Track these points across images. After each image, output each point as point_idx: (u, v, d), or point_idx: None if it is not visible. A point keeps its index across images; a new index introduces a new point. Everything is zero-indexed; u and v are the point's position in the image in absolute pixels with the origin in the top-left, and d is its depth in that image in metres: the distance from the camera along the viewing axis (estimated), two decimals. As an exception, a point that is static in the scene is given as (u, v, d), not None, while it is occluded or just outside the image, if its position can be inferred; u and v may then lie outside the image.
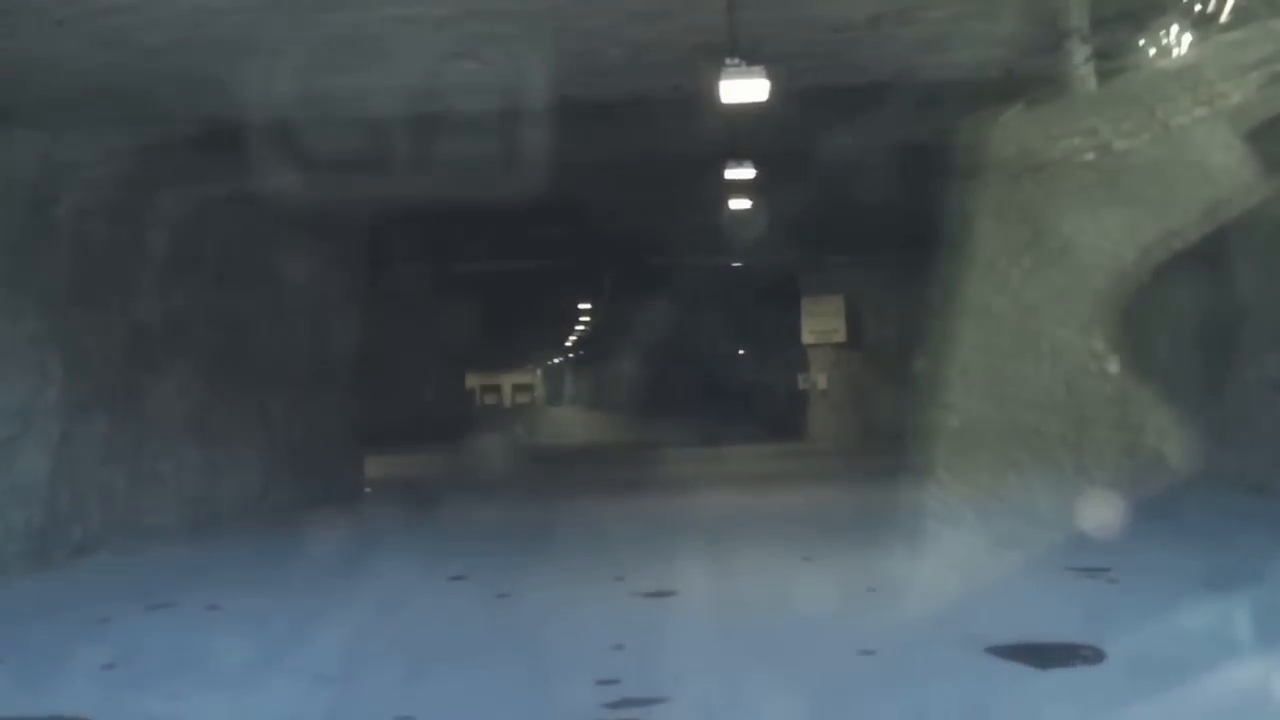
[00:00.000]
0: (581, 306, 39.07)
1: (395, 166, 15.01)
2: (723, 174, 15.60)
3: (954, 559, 10.13)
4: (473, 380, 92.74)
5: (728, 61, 9.42)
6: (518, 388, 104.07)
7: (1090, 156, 13.43)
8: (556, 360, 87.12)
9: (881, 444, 26.00)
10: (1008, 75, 10.97)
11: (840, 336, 28.35)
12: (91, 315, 13.05)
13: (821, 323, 28.56)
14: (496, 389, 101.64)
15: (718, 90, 9.85)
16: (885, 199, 19.93)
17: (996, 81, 11.38)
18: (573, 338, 57.82)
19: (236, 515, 15.46)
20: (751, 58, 9.48)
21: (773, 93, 10.05)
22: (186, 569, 11.35)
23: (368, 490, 19.20)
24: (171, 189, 13.93)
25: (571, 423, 52.00)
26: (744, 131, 14.11)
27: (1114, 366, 13.67)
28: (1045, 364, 17.54)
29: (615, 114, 12.78)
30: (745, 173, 15.22)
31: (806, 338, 28.64)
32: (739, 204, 19.70)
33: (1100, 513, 12.60)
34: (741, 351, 49.00)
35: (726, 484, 18.08)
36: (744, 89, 9.56)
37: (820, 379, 28.69)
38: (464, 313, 37.50)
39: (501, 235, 23.05)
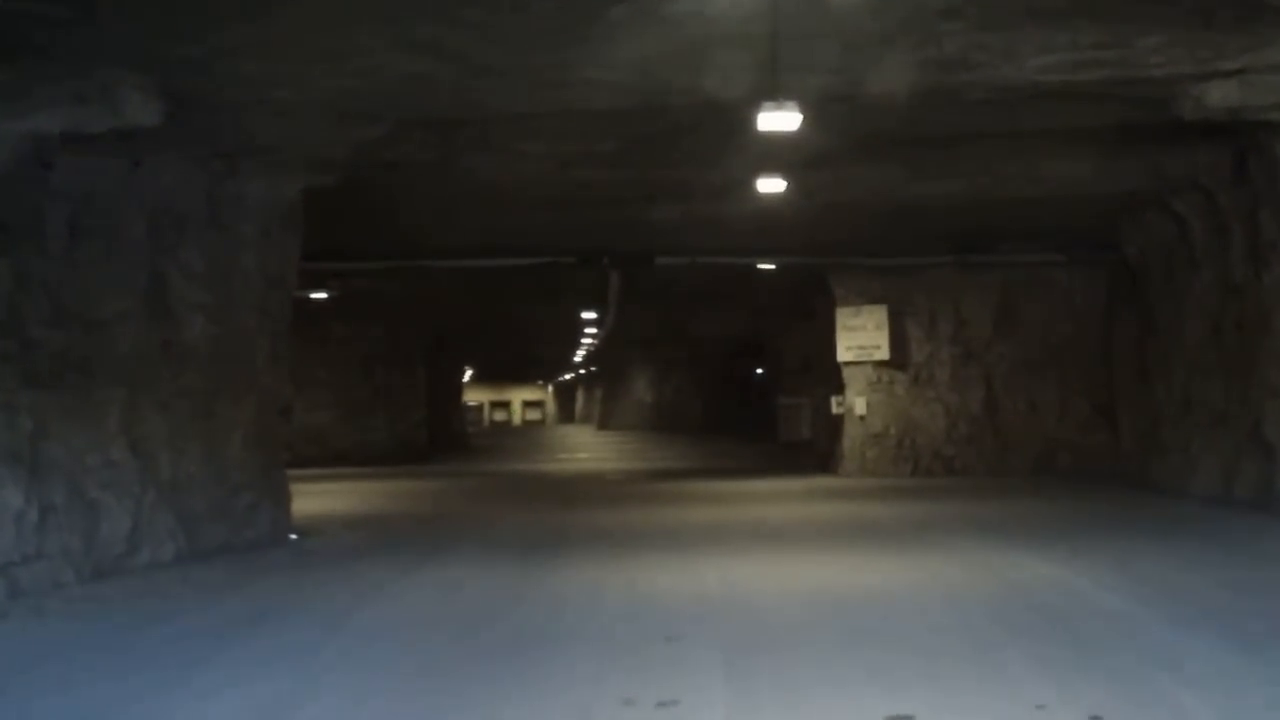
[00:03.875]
0: (587, 316, 34.89)
1: (301, 94, 10.85)
2: (754, 125, 11.40)
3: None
4: (479, 395, 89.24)
5: None
6: (528, 404, 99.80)
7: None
8: (568, 376, 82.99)
9: (930, 484, 21.75)
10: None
11: (883, 354, 24.13)
12: None
13: (861, 338, 24.36)
14: (506, 405, 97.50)
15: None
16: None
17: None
18: (581, 352, 53.67)
19: (84, 579, 11.28)
20: None
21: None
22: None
23: (293, 536, 14.98)
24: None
25: (576, 445, 47.76)
26: (789, 52, 9.91)
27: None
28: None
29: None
30: (787, 119, 10.99)
31: (843, 355, 24.41)
32: (771, 184, 15.57)
33: None
34: (760, 371, 44.83)
35: (745, 541, 13.85)
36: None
37: (858, 402, 24.42)
38: (448, 315, 33.40)
39: (481, 218, 18.84)
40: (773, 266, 23.92)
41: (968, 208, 18.47)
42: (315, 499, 20.34)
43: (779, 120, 11.01)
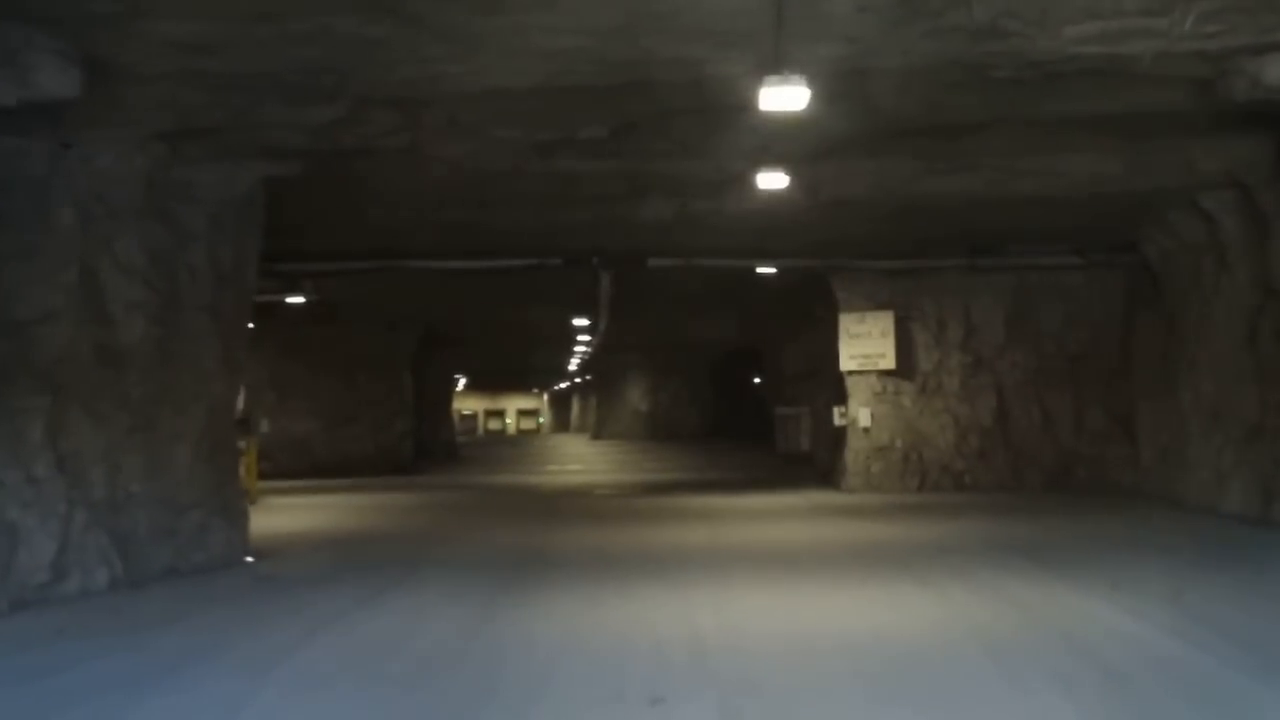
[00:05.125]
0: (579, 322, 33.55)
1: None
2: (754, 108, 10.16)
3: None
4: (474, 403, 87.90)
5: None
6: (523, 413, 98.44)
7: None
8: (563, 385, 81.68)
9: (940, 500, 20.47)
10: None
11: (888, 362, 22.83)
12: None
13: (865, 345, 23.06)
14: (501, 414, 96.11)
15: None
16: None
17: None
18: (575, 360, 52.34)
19: (0, 612, 10.01)
20: None
21: None
22: None
23: (249, 559, 13.70)
24: None
25: (569, 455, 46.45)
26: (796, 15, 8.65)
27: None
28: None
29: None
30: (793, 95, 9.74)
31: (846, 363, 23.11)
32: (772, 179, 14.37)
33: None
34: (758, 379, 43.57)
35: (743, 568, 12.58)
36: None
37: (862, 413, 23.12)
38: (434, 320, 32.11)
39: (460, 215, 17.57)
40: (772, 269, 22.62)
41: (982, 205, 17.20)
42: (286, 514, 19.14)
43: (783, 98, 9.78)
